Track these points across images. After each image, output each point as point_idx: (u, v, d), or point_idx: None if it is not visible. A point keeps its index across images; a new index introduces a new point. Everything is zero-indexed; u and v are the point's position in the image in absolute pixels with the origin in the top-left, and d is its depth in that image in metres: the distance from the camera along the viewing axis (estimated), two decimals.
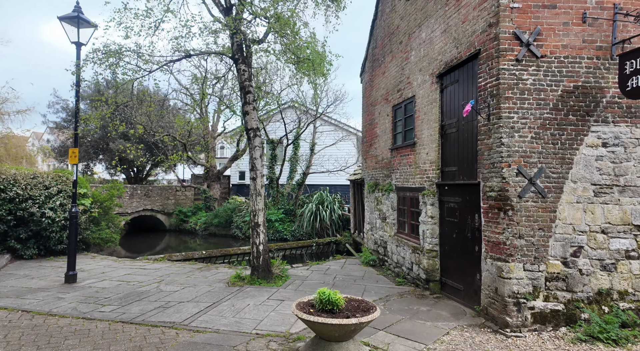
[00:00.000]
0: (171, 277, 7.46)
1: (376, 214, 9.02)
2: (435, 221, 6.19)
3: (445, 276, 6.01)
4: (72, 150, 6.88)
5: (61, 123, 26.06)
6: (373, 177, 9.48)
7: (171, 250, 16.04)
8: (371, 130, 9.74)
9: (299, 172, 19.47)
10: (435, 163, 6.25)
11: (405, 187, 7.41)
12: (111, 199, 12.62)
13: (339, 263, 8.98)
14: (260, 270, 6.98)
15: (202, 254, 10.94)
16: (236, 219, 17.67)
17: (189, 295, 5.96)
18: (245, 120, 7.11)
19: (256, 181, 7.07)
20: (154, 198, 19.26)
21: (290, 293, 6.09)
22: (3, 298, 5.72)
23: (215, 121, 20.84)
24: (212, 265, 8.88)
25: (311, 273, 7.89)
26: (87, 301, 5.60)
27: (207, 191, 19.88)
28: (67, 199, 10.25)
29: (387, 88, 8.55)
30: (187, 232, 19.44)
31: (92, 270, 8.12)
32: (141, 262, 9.35)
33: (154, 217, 19.50)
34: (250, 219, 7.10)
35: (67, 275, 6.84)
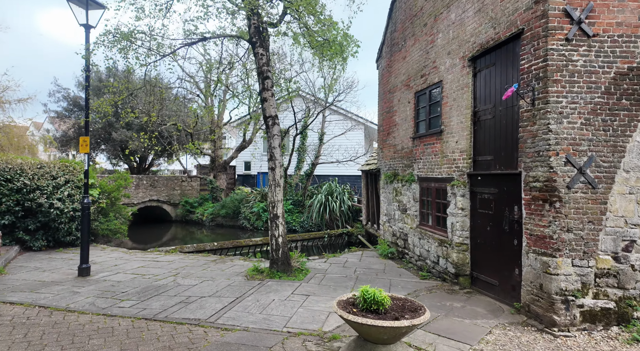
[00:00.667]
0: (187, 270, 7.26)
1: (395, 205, 8.76)
2: (466, 213, 5.93)
3: (477, 270, 5.77)
4: (83, 138, 6.60)
5: (62, 112, 25.69)
6: (391, 167, 9.19)
7: (178, 241, 15.89)
8: (389, 119, 9.41)
9: (307, 163, 19.18)
10: (466, 152, 5.95)
11: (429, 177, 7.13)
12: (119, 190, 12.38)
13: (356, 256, 8.77)
14: (280, 263, 6.76)
15: (213, 246, 10.75)
16: (244, 210, 17.47)
17: (209, 290, 5.75)
18: (264, 107, 6.79)
19: (275, 171, 6.79)
20: (159, 188, 19.05)
21: (314, 287, 5.87)
22: (17, 292, 5.52)
23: (220, 110, 20.46)
24: (227, 258, 8.68)
25: (329, 266, 7.68)
26: (104, 295, 5.39)
27: (213, 181, 19.65)
28: (75, 190, 10.01)
29: (408, 74, 8.19)
30: (194, 222, 19.28)
31: (104, 263, 7.92)
32: (153, 254, 9.16)
33: (160, 208, 19.33)
34: (269, 211, 6.86)
35: (80, 268, 6.64)
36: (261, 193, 18.19)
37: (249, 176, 24.66)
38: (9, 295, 5.37)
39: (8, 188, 8.84)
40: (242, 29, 7.11)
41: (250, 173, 24.57)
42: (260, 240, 11.63)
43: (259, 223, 16.84)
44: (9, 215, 8.83)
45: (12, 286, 5.87)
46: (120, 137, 22.47)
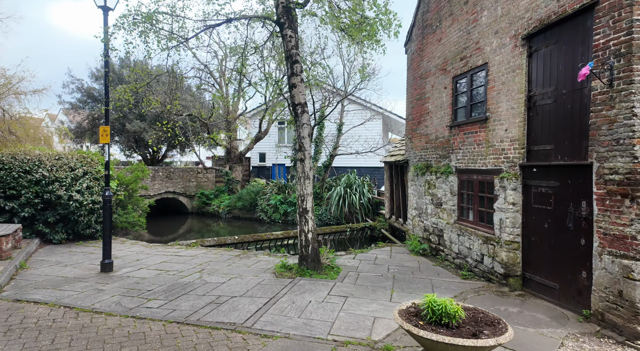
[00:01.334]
0: (211, 266, 6.97)
1: (427, 199, 8.28)
2: (518, 208, 5.42)
3: (530, 271, 5.29)
4: (104, 128, 6.28)
5: (76, 103, 25.72)
6: (422, 158, 8.67)
7: (195, 233, 15.75)
8: (420, 106, 8.86)
9: (325, 154, 18.74)
10: (518, 141, 5.42)
11: (471, 169, 6.61)
12: (136, 181, 12.19)
13: (384, 252, 8.36)
14: (310, 260, 6.39)
15: (234, 239, 10.47)
16: (261, 202, 17.19)
17: (238, 288, 5.42)
18: (292, 94, 6.34)
19: (304, 163, 6.37)
20: (175, 180, 18.90)
21: (350, 288, 5.48)
22: (40, 289, 5.29)
23: (235, 100, 20.08)
24: (250, 253, 8.37)
25: (359, 263, 7.29)
26: (130, 294, 5.12)
27: (229, 173, 19.41)
28: (94, 181, 9.81)
29: (444, 57, 7.61)
30: (210, 214, 19.13)
31: (125, 257, 7.70)
32: (174, 248, 8.92)
33: (175, 200, 19.22)
34: (297, 205, 6.47)
35: (102, 264, 6.39)
36: (278, 185, 17.87)
37: (263, 168, 24.37)
38: (32, 292, 5.15)
39: (27, 180, 8.67)
40: (268, 10, 6.63)
41: (265, 164, 24.28)
42: (281, 234, 11.31)
43: (276, 215, 16.56)
44: (29, 207, 8.67)
45: (35, 282, 5.66)
46: (134, 128, 22.38)
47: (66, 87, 25.28)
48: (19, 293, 5.02)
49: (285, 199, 16.70)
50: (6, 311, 4.12)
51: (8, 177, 8.49)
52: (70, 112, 30.09)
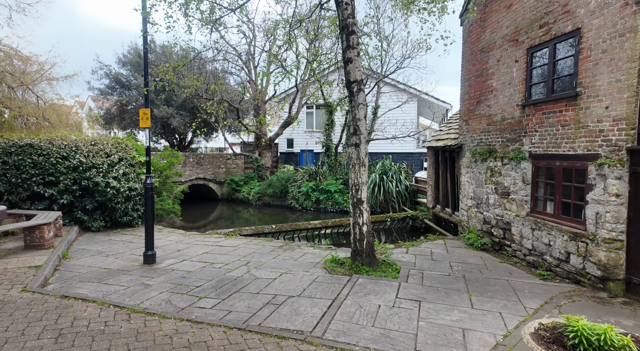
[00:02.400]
0: (256, 258, 6.57)
1: (489, 188, 7.49)
2: (622, 200, 4.61)
3: (638, 275, 4.52)
4: (144, 110, 5.86)
5: (105, 89, 25.97)
6: (482, 142, 7.84)
7: (225, 220, 15.59)
8: (479, 84, 7.96)
9: None
10: (625, 121, 4.56)
11: (552, 154, 5.77)
12: (170, 167, 11.98)
13: (439, 246, 7.70)
14: (364, 255, 5.84)
15: (272, 229, 10.10)
16: (292, 189, 16.79)
17: (293, 286, 4.96)
18: (347, 70, 5.67)
19: (360, 148, 5.74)
20: (205, 166, 18.77)
21: (418, 289, 4.90)
22: (85, 282, 5.03)
23: (265, 84, 19.52)
24: (293, 244, 7.93)
25: (415, 258, 6.69)
26: (179, 290, 4.76)
27: (259, 160, 19.07)
28: (129, 168, 9.61)
29: (515, 26, 6.67)
30: (240, 201, 18.97)
31: (165, 247, 7.43)
32: (213, 237, 8.62)
33: (206, 186, 19.16)
34: (351, 195, 5.88)
35: (145, 256, 6.10)
36: (308, 172, 17.37)
37: (291, 154, 23.94)
38: (77, 285, 4.89)
39: (65, 166, 8.52)
40: None
41: (292, 150, 23.83)
42: (319, 223, 10.84)
43: (307, 203, 16.13)
44: (67, 194, 8.55)
45: (79, 274, 5.42)
46: (162, 114, 22.37)
47: (95, 73, 25.51)
48: (64, 287, 4.76)
49: (317, 186, 16.21)
50: (55, 311, 3.83)
51: (46, 163, 8.37)
52: (99, 98, 30.58)
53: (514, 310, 4.17)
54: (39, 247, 6.54)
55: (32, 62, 19.25)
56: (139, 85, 23.12)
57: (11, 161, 8.17)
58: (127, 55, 25.43)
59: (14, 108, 17.44)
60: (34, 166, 8.29)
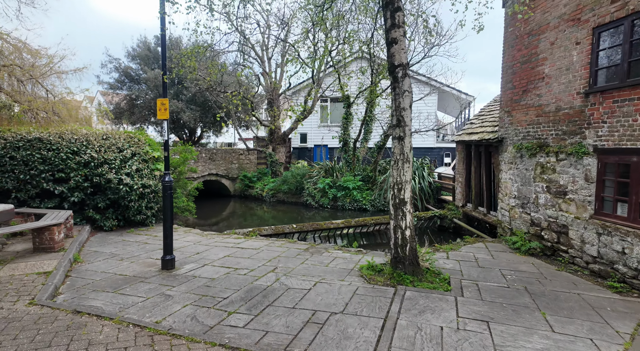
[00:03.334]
0: (283, 263, 6.00)
1: (539, 186, 6.79)
2: None
3: None
4: (162, 100, 5.29)
5: (115, 83, 25.62)
6: (530, 136, 7.12)
7: (238, 216, 15.10)
8: (527, 71, 7.22)
9: (379, 133, 17.31)
10: None
11: (626, 148, 5.05)
12: (184, 163, 11.48)
13: (480, 250, 7.04)
14: (407, 262, 5.22)
15: (293, 228, 9.53)
16: (307, 186, 16.22)
17: (332, 299, 4.38)
18: (391, 52, 5.01)
19: (404, 142, 5.09)
20: (218, 162, 18.30)
21: (479, 305, 4.26)
22: (100, 292, 4.52)
23: (279, 77, 18.90)
24: (320, 246, 7.35)
25: (459, 265, 6.05)
26: (204, 303, 4.21)
27: (273, 155, 18.51)
28: (142, 163, 9.12)
29: (577, 3, 5.91)
30: (253, 198, 18.48)
31: (183, 249, 6.92)
32: (232, 238, 8.09)
33: (218, 182, 18.70)
34: (393, 194, 5.25)
35: (164, 260, 5.58)
36: (324, 168, 16.77)
37: (305, 149, 23.36)
38: (91, 296, 4.38)
39: (75, 161, 8.05)
40: None
41: (306, 146, 23.24)
42: (341, 223, 10.24)
43: (324, 200, 15.54)
44: (78, 191, 8.09)
45: (92, 282, 4.92)
46: (172, 108, 21.94)
47: (104, 66, 25.15)
48: (76, 299, 4.25)
49: (334, 183, 15.61)
50: (66, 332, 3.29)
51: (56, 158, 7.90)
52: (109, 93, 30.33)
53: (605, 335, 3.51)
54: (49, 249, 6.07)
55: (41, 55, 18.84)
56: (148, 79, 22.70)
57: (19, 156, 7.72)
58: (137, 49, 25.01)
59: (23, 103, 17.06)
60: (43, 162, 7.83)
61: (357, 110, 17.67)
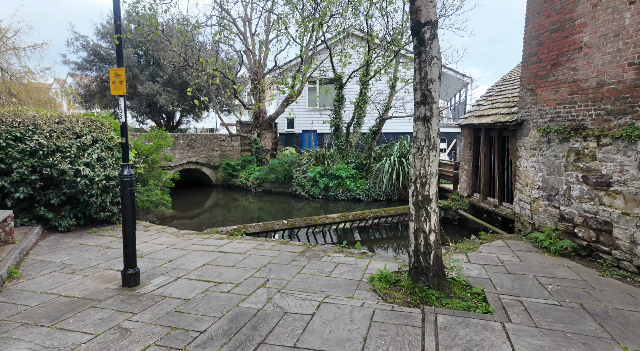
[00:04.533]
0: (275, 273, 4.95)
1: (572, 176, 5.90)
2: None
3: None
4: (116, 70, 4.02)
5: (83, 63, 23.44)
6: (561, 117, 6.19)
7: (221, 208, 13.92)
8: (558, 41, 6.22)
9: (370, 118, 16.23)
10: None
11: None
12: (157, 150, 10.16)
13: (502, 250, 6.17)
14: (431, 274, 4.25)
15: (284, 225, 8.45)
16: (297, 175, 15.10)
17: (344, 330, 3.36)
18: (416, 6, 3.87)
19: (431, 123, 4.03)
20: (197, 149, 16.90)
21: (535, 335, 3.32)
22: (31, 326, 3.37)
23: (263, 55, 17.42)
24: (317, 248, 6.32)
25: (484, 270, 5.14)
26: (172, 342, 3.12)
27: (258, 141, 17.22)
28: (106, 151, 7.81)
29: None
30: (237, 188, 17.27)
31: (153, 255, 5.77)
32: (213, 239, 6.97)
33: (198, 171, 17.35)
34: (414, 190, 4.22)
35: (125, 275, 4.42)
36: (314, 155, 15.66)
37: (292, 135, 22.11)
38: (16, 334, 3.22)
39: (19, 150, 6.68)
40: None
41: (293, 131, 21.99)
42: (337, 217, 9.23)
43: (315, 190, 14.50)
44: (24, 186, 6.75)
45: (25, 310, 3.75)
46: (147, 90, 20.25)
47: (70, 44, 22.93)
48: None
49: (326, 171, 14.55)
50: None
51: None
52: (78, 74, 28.02)
53: None
54: None
55: None
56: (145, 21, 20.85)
57: None
58: (107, 26, 22.87)
59: None
60: None
61: (348, 94, 16.49)
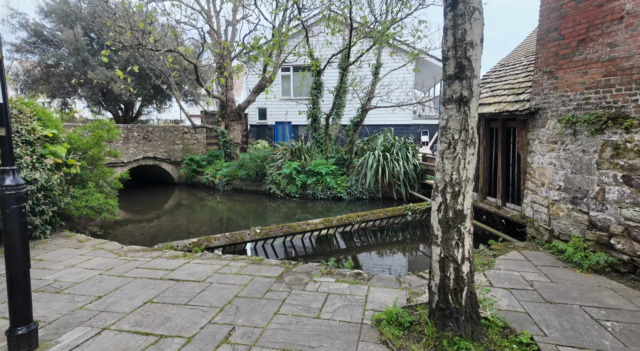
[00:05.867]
0: (244, 315, 3.65)
1: (608, 176, 4.94)
2: None
3: None
4: None
5: (22, 45, 20.57)
6: (591, 104, 5.22)
7: (185, 209, 12.30)
8: (588, 11, 5.22)
9: (351, 108, 15.02)
10: None
11: None
12: (99, 144, 8.44)
13: (523, 265, 5.16)
14: (463, 318, 3.09)
15: (256, 234, 7.09)
16: (270, 171, 13.69)
17: None
18: None
19: (469, 107, 2.82)
20: (155, 142, 15.03)
21: None
22: None
23: (230, 36, 15.71)
24: (298, 271, 5.04)
25: (513, 297, 4.09)
26: None
27: (226, 133, 15.58)
28: (24, 146, 6.16)
29: None
30: (203, 186, 15.61)
31: (76, 289, 4.28)
32: (165, 258, 5.52)
33: (157, 167, 15.51)
34: (441, 202, 3.03)
35: (12, 338, 2.94)
36: (290, 149, 14.28)
37: (264, 127, 20.55)
38: None
39: None
40: None
41: (266, 123, 20.43)
42: (320, 222, 7.97)
43: (291, 188, 13.17)
44: None
45: None
46: (99, 77, 17.96)
47: (5, 22, 20.00)
48: None
49: (303, 167, 13.24)
50: None
51: None
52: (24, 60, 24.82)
53: None
54: None
55: None
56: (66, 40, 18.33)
57: None
58: (51, 3, 20.15)
59: None
60: None
61: (327, 81, 15.18)
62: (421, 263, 7.22)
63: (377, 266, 6.96)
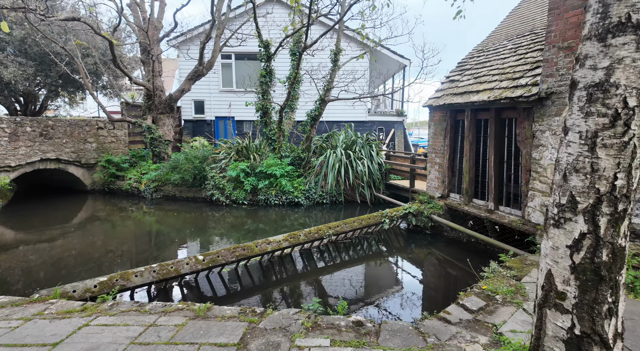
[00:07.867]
0: None
1: None
2: None
3: None
4: None
5: None
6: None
7: (101, 223, 9.74)
8: None
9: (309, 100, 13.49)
10: None
11: None
12: None
13: None
14: None
15: (198, 263, 5.18)
16: (212, 174, 11.61)
17: None
18: None
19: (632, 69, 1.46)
20: (59, 140, 12.01)
21: None
22: None
23: (158, 12, 13.22)
24: (271, 323, 3.36)
25: None
26: None
27: (153, 129, 13.04)
28: None
29: None
30: (125, 193, 12.91)
31: None
32: (49, 319, 3.48)
33: (62, 172, 12.47)
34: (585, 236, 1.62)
35: None
36: (236, 148, 12.33)
37: (202, 122, 18.12)
38: None
39: None
40: None
41: (204, 118, 18.01)
42: (283, 240, 6.30)
43: (239, 194, 11.26)
44: None
45: None
46: None
47: None
48: None
49: (253, 169, 11.41)
50: None
51: None
52: None
53: None
54: None
55: None
56: None
57: None
58: None
59: None
60: None
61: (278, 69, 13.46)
62: (414, 286, 5.94)
63: (371, 297, 5.49)
